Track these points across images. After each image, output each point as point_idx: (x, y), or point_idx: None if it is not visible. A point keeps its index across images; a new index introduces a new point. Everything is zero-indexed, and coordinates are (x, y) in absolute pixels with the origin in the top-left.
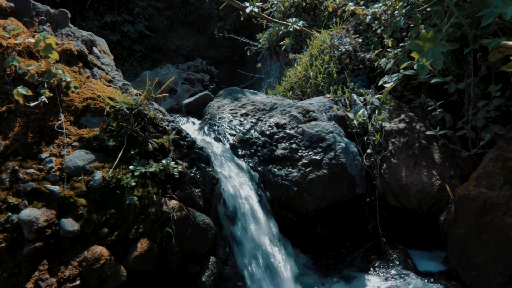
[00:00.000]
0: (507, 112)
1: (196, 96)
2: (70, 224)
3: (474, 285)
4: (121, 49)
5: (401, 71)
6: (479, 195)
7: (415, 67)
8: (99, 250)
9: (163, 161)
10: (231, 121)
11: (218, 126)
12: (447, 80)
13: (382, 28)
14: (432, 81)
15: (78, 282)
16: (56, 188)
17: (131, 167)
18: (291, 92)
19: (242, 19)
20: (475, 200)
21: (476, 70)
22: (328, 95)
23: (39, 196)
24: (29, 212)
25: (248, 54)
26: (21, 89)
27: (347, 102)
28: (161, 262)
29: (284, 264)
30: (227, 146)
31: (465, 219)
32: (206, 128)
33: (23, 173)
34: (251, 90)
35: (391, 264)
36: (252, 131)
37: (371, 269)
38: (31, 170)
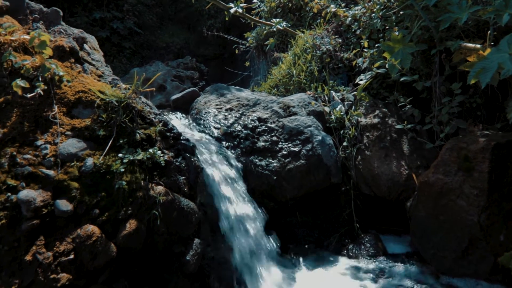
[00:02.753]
0: (470, 108)
1: (184, 92)
2: (64, 205)
3: (432, 262)
4: (110, 46)
5: (374, 69)
6: (437, 181)
7: (387, 66)
8: (91, 228)
9: (150, 150)
10: (216, 115)
11: (204, 120)
12: (415, 79)
13: (361, 29)
14: (401, 79)
15: (72, 256)
16: (51, 172)
17: (120, 154)
18: (275, 89)
19: (226, 19)
20: (433, 186)
21: (442, 69)
22: (309, 92)
23: (36, 179)
24: (27, 193)
25: (237, 52)
26: (20, 81)
27: (326, 98)
28: (148, 241)
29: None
30: (212, 138)
31: (425, 202)
32: (192, 122)
33: (21, 158)
34: (237, 87)
35: (363, 247)
36: (236, 125)
37: (345, 251)
38: (28, 156)
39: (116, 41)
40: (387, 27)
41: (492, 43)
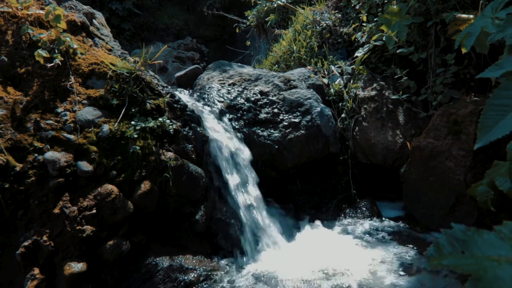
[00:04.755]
0: (464, 79)
1: (187, 69)
2: (85, 166)
3: (423, 220)
4: (109, 28)
5: (371, 42)
6: (428, 144)
7: (384, 38)
8: (110, 187)
9: (160, 119)
10: (219, 90)
11: (208, 95)
12: (411, 51)
13: (360, 4)
14: (398, 51)
15: (94, 211)
16: (71, 136)
17: (132, 122)
18: (276, 65)
19: None
20: (424, 149)
21: (437, 41)
22: (309, 67)
23: (59, 142)
24: (52, 154)
25: (237, 31)
26: (41, 51)
27: (326, 72)
28: (161, 202)
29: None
30: (216, 111)
31: (416, 165)
32: (196, 96)
33: (44, 123)
34: (239, 64)
35: (359, 210)
36: (239, 98)
37: (342, 215)
38: (50, 121)
39: (115, 23)
40: (385, 1)
41: None
